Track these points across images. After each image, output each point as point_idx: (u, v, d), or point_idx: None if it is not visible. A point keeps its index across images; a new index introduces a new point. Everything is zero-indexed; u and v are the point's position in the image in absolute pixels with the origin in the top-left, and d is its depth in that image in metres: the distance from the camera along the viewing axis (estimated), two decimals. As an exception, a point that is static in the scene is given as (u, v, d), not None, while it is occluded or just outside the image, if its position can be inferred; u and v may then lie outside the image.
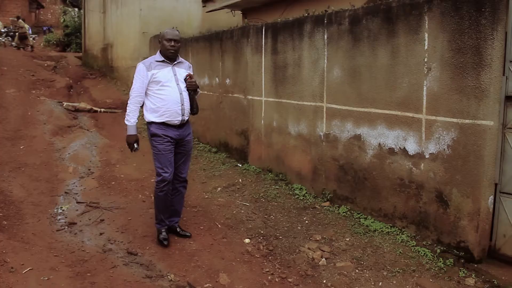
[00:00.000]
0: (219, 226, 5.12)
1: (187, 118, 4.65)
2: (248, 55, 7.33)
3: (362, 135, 5.15)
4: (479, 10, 3.94)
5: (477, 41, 3.97)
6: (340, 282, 3.92)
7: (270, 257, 4.37)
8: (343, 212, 5.32)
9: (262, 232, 4.92)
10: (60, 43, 23.42)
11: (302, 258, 4.32)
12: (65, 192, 6.13)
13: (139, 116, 4.60)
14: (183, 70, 4.66)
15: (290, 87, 6.32)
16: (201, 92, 9.04)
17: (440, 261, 4.15)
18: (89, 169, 7.33)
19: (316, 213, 5.39)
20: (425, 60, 4.41)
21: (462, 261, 4.14)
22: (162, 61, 4.54)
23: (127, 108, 4.54)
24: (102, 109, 12.07)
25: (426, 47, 4.41)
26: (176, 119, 4.52)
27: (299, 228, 5.00)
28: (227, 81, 8.05)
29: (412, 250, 4.39)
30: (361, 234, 4.76)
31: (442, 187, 4.33)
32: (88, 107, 11.94)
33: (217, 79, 8.43)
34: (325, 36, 5.63)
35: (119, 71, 15.10)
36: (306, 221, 5.17)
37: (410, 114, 4.57)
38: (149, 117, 4.53)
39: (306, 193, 6.02)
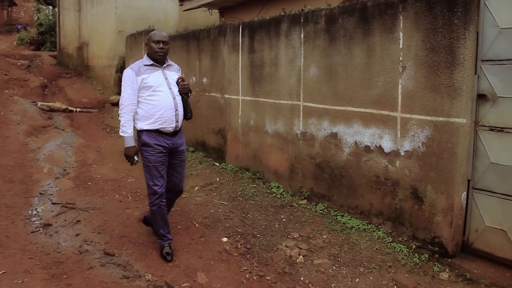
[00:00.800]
0: (197, 225, 5.10)
1: (181, 124, 4.35)
2: (225, 54, 7.32)
3: (338, 133, 5.20)
4: (452, 10, 4.01)
5: (450, 41, 4.04)
6: (317, 279, 3.95)
7: (248, 256, 4.38)
8: (320, 210, 5.36)
9: (239, 230, 4.93)
10: (34, 41, 23.01)
11: (279, 256, 4.34)
12: (40, 193, 6.03)
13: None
14: (173, 73, 4.38)
15: (267, 86, 6.34)
16: (178, 91, 9.04)
17: (416, 257, 4.21)
18: (65, 170, 7.24)
19: (294, 211, 5.42)
20: (400, 59, 4.47)
21: (437, 256, 4.21)
22: (151, 65, 4.23)
23: (121, 118, 4.17)
24: (78, 109, 11.93)
25: (401, 46, 4.47)
26: (170, 126, 4.21)
27: (276, 226, 5.02)
28: (204, 80, 8.03)
29: (388, 246, 4.45)
30: (338, 231, 4.80)
31: (417, 184, 4.40)
32: (63, 106, 11.80)
33: (194, 78, 8.39)
34: (302, 35, 5.66)
35: (95, 70, 14.94)
36: (284, 219, 5.19)
37: (386, 112, 4.63)
38: (141, 125, 4.20)
39: (283, 191, 6.04)
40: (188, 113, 4.42)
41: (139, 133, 4.26)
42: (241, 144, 7.06)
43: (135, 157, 4.23)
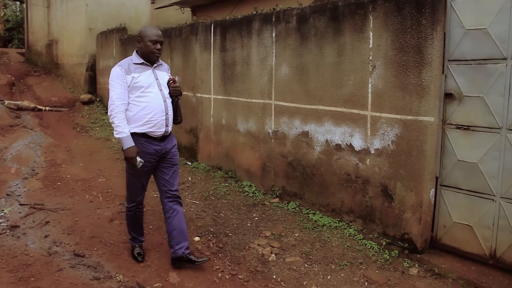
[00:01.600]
0: (169, 224, 5.07)
1: (170, 129, 4.03)
2: (197, 53, 7.29)
3: (310, 131, 5.24)
4: (420, 11, 4.08)
5: (419, 41, 4.11)
6: (289, 277, 3.97)
7: (220, 255, 4.37)
8: (292, 208, 5.40)
9: (212, 229, 4.92)
10: (0, 38, 22.50)
11: (252, 255, 4.35)
12: (7, 194, 5.89)
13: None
14: (164, 73, 4.05)
15: (239, 85, 6.34)
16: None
17: (386, 253, 4.28)
18: (33, 170, 7.09)
19: (266, 209, 5.44)
20: (370, 58, 4.53)
21: (406, 252, 4.29)
22: (141, 64, 3.89)
23: (113, 119, 3.79)
24: (47, 108, 11.71)
25: (371, 46, 4.53)
26: (160, 130, 3.89)
27: (248, 225, 5.03)
28: (176, 78, 7.93)
29: (359, 243, 4.51)
30: (310, 229, 4.84)
31: (387, 181, 4.47)
32: (32, 105, 11.56)
33: (166, 76, 8.32)
34: (273, 34, 5.68)
35: (65, 68, 14.67)
36: (256, 218, 5.21)
37: (356, 111, 4.68)
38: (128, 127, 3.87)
39: (255, 190, 6.06)
40: (178, 117, 4.10)
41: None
42: (213, 143, 7.05)
43: (137, 158, 3.78)
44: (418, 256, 4.23)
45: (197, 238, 4.71)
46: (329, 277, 3.96)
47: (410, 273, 3.98)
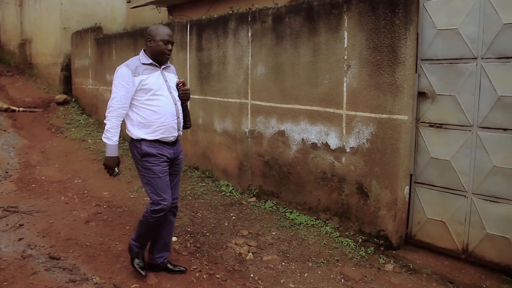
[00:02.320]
0: (146, 225, 5.05)
1: (181, 133, 3.86)
2: (173, 52, 7.24)
3: (286, 131, 5.27)
4: (394, 11, 4.14)
5: (392, 40, 4.17)
6: (267, 275, 3.99)
7: (197, 254, 4.37)
8: (269, 207, 5.42)
9: (189, 229, 4.91)
10: (-29, 38, 21.99)
11: (229, 254, 4.35)
12: (-20, 197, 5.80)
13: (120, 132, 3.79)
14: (172, 75, 3.83)
15: (215, 84, 6.34)
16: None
17: (362, 250, 4.34)
18: (7, 172, 6.97)
19: (243, 209, 5.46)
20: (345, 57, 4.58)
21: (382, 248, 4.35)
22: (150, 64, 3.66)
23: (107, 122, 3.59)
24: (21, 109, 11.49)
25: (345, 45, 4.58)
26: (172, 135, 3.70)
27: (226, 224, 5.04)
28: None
29: (336, 241, 4.56)
30: (287, 227, 4.87)
31: (362, 179, 4.52)
32: (5, 106, 11.33)
33: (142, 76, 8.26)
34: (249, 34, 5.70)
35: (39, 68, 14.43)
36: (233, 217, 5.22)
37: (332, 110, 4.73)
38: (138, 133, 3.64)
39: (232, 189, 6.07)
40: (187, 121, 3.90)
41: (135, 142, 3.70)
42: (190, 143, 7.03)
43: (116, 168, 3.68)
44: (394, 252, 4.30)
45: (174, 238, 4.69)
46: (306, 274, 3.99)
47: (386, 269, 4.04)
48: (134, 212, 5.41)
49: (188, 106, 3.92)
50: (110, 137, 3.60)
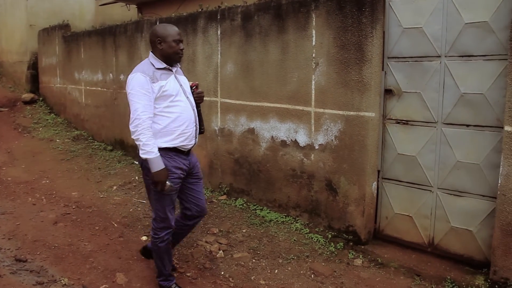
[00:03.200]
0: (115, 225, 5.00)
1: (197, 141, 3.60)
2: (142, 50, 7.20)
3: (255, 128, 5.29)
4: (360, 9, 4.20)
5: (359, 38, 4.23)
6: (237, 272, 4.01)
7: (168, 253, 4.36)
8: (240, 205, 5.44)
9: (159, 228, 4.89)
10: None
11: (200, 252, 4.35)
12: None
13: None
14: (184, 78, 3.58)
15: (186, 83, 6.30)
16: (94, 88, 8.77)
17: (332, 246, 4.39)
18: (-29, 173, 6.82)
19: (214, 207, 5.46)
20: (313, 55, 4.63)
21: (351, 244, 4.42)
22: (164, 68, 3.38)
23: (139, 136, 3.21)
24: (-15, 108, 11.22)
25: (314, 43, 4.62)
26: (190, 143, 3.47)
27: (197, 222, 5.04)
28: (122, 76, 7.85)
29: (306, 237, 4.61)
30: (257, 225, 4.90)
31: (331, 176, 4.58)
32: (-32, 106, 11.05)
33: (111, 74, 8.18)
34: (219, 32, 5.69)
35: (4, 66, 14.08)
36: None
37: (300, 107, 4.77)
38: (156, 142, 3.31)
39: (203, 187, 6.05)
40: (202, 126, 3.65)
41: None
42: (161, 141, 6.97)
43: (167, 182, 3.30)
44: (362, 247, 4.37)
45: (144, 238, 4.68)
46: (276, 271, 4.02)
47: (355, 264, 4.10)
48: (103, 212, 5.36)
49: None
50: (150, 150, 3.21)
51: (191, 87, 3.59)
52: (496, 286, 3.52)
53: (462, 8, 3.76)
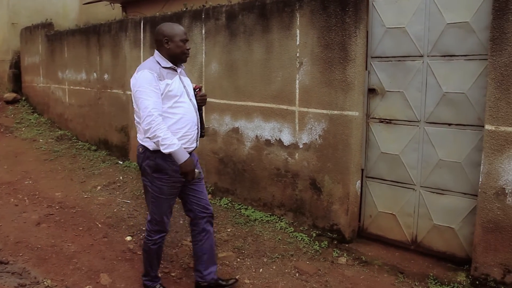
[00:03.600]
0: (99, 225, 4.97)
1: (198, 144, 3.50)
2: (126, 50, 7.16)
3: (240, 128, 5.29)
4: (344, 9, 4.23)
5: (343, 38, 4.26)
6: (222, 271, 4.00)
7: (152, 253, 4.34)
8: (225, 204, 5.44)
9: (144, 228, 4.82)
10: None
11: (184, 252, 4.35)
12: None
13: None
14: (187, 79, 3.48)
15: (170, 82, 6.28)
16: (78, 88, 8.71)
17: (316, 244, 4.41)
18: (-49, 174, 6.72)
19: (199, 206, 5.44)
20: (297, 55, 4.64)
21: (335, 242, 4.44)
22: (170, 68, 3.29)
23: (156, 132, 3.03)
24: (-33, 108, 11.07)
25: (298, 43, 4.64)
26: (192, 145, 3.36)
27: (181, 222, 5.01)
28: (106, 76, 7.80)
29: (290, 236, 4.62)
30: (242, 224, 4.90)
31: (315, 175, 4.60)
32: (-51, 105, 10.90)
33: (95, 74, 8.13)
34: (203, 31, 5.68)
35: (-15, 65, 13.92)
36: (189, 215, 5.20)
37: (284, 107, 4.79)
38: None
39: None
40: (203, 130, 3.55)
41: (149, 153, 3.28)
42: (145, 141, 6.95)
43: (195, 170, 3.21)
44: (347, 245, 4.40)
45: (128, 238, 4.65)
46: (261, 270, 4.03)
47: (339, 262, 4.13)
48: (87, 212, 5.32)
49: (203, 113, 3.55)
50: (171, 143, 3.05)
51: (194, 89, 3.50)
52: (477, 282, 3.58)
53: (444, 8, 3.80)
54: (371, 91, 4.35)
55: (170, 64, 3.28)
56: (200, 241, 3.57)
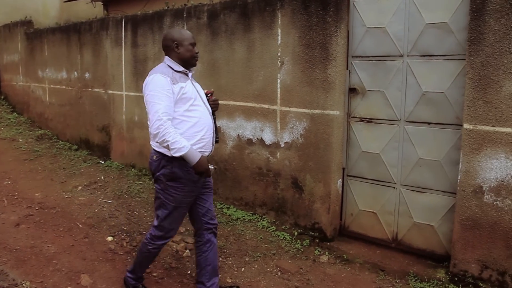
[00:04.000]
0: (80, 226, 4.92)
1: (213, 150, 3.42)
2: (107, 48, 7.10)
3: (221, 127, 5.29)
4: (325, 9, 4.25)
5: (324, 37, 4.28)
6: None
7: (134, 253, 4.30)
8: (207, 203, 5.42)
9: (125, 228, 4.84)
10: None
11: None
12: None
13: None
14: (198, 85, 3.40)
15: (152, 81, 6.24)
16: (59, 87, 8.61)
17: (298, 243, 4.43)
18: None
19: (180, 205, 5.43)
20: (279, 54, 4.65)
21: (317, 241, 4.47)
22: (182, 72, 3.24)
23: (165, 137, 2.95)
24: None
25: (279, 42, 4.65)
26: (208, 150, 3.27)
27: (163, 221, 5.00)
28: (87, 75, 7.72)
29: (272, 235, 4.63)
30: (224, 223, 4.90)
31: (297, 173, 4.62)
32: None
33: (75, 73, 8.04)
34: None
35: (-38, 64, 13.66)
36: (171, 214, 5.18)
37: (266, 106, 4.79)
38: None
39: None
40: (217, 135, 3.47)
41: (164, 161, 3.18)
42: (126, 140, 6.91)
43: (210, 166, 3.15)
44: (328, 244, 4.42)
45: (109, 238, 4.62)
46: (243, 269, 4.03)
47: (321, 261, 4.15)
48: (68, 212, 5.26)
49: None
50: (181, 146, 2.97)
51: (206, 94, 3.43)
52: (456, 278, 3.63)
53: (423, 8, 3.85)
54: (352, 91, 4.38)
55: (182, 68, 3.24)
56: (204, 252, 3.49)
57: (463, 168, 3.55)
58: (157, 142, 3.06)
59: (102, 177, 6.52)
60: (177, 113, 3.11)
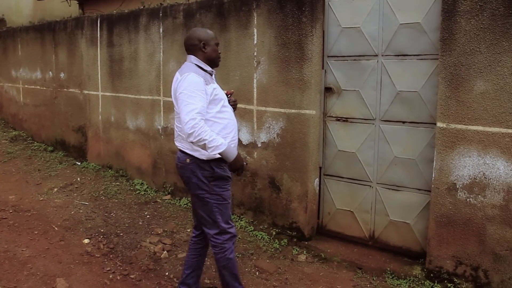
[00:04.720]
0: (56, 228, 4.86)
1: None
2: (83, 48, 7.01)
3: (200, 127, 5.26)
4: (300, 9, 4.26)
5: (300, 37, 4.29)
6: (182, 273, 3.98)
7: (111, 256, 4.27)
8: (184, 204, 5.41)
9: (102, 230, 4.79)
10: None
11: (143, 253, 4.30)
12: None
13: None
14: (218, 85, 3.30)
15: (127, 81, 6.20)
16: (33, 87, 8.47)
17: (276, 242, 4.44)
18: None
19: (158, 207, 5.40)
20: (255, 54, 4.65)
21: (295, 240, 4.49)
22: (209, 72, 3.18)
23: (202, 135, 2.83)
24: None
25: (255, 42, 4.65)
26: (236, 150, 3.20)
27: (140, 223, 4.96)
28: (62, 75, 7.61)
29: (250, 234, 4.64)
30: (202, 223, 4.88)
31: (274, 173, 4.63)
32: None
33: (50, 73, 7.92)
34: (161, 29, 5.62)
35: None
36: (148, 216, 5.15)
37: (243, 106, 4.79)
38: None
39: (147, 187, 5.98)
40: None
41: (202, 164, 3.09)
42: (103, 141, 6.84)
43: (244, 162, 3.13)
44: (306, 243, 4.44)
45: (86, 240, 4.56)
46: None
47: (299, 260, 4.17)
48: (43, 215, 5.18)
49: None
50: (219, 143, 2.89)
51: (226, 95, 3.31)
52: (431, 274, 3.68)
53: (397, 9, 3.89)
54: (328, 90, 4.40)
55: (210, 68, 3.19)
56: (200, 255, 3.49)
57: (437, 166, 3.60)
58: (191, 141, 2.93)
59: (79, 179, 6.45)
60: (209, 114, 3.03)
